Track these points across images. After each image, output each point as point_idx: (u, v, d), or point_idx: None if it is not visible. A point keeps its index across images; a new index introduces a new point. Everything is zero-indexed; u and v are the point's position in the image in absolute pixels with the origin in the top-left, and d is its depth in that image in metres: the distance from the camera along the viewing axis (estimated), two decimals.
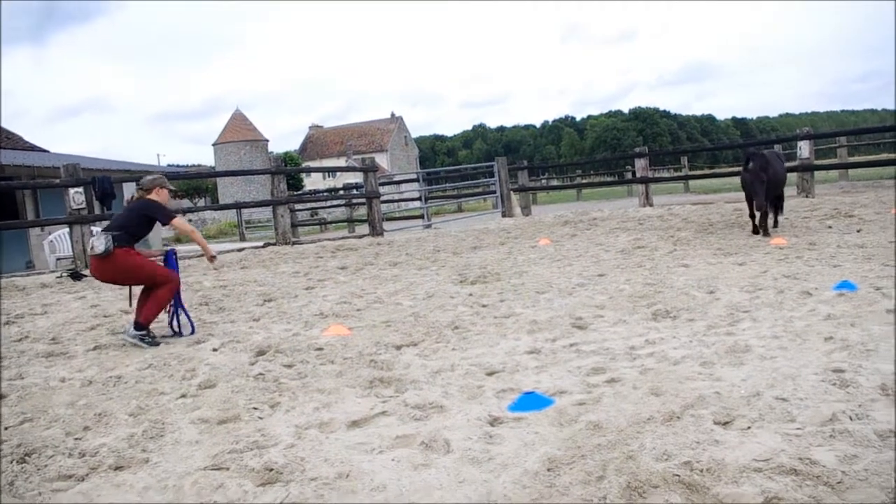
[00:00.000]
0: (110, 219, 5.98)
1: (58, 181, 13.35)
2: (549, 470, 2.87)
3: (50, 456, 3.39)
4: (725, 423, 3.22)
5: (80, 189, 12.32)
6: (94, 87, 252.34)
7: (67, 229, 13.21)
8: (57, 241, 14.94)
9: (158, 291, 5.81)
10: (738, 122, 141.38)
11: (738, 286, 6.53)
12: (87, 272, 6.70)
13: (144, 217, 5.94)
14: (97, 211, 12.52)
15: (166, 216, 5.97)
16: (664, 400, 3.58)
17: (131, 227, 5.86)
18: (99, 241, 5.71)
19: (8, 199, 21.07)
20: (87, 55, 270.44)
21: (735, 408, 3.39)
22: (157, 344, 5.69)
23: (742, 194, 10.83)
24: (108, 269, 5.75)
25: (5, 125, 28.23)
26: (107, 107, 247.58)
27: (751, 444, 2.95)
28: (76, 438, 3.65)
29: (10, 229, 19.76)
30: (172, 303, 6.00)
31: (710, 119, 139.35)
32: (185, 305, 6.27)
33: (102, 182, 12.83)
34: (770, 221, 10.45)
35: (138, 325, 5.74)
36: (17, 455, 3.39)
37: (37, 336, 6.53)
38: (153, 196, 6.03)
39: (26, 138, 28.07)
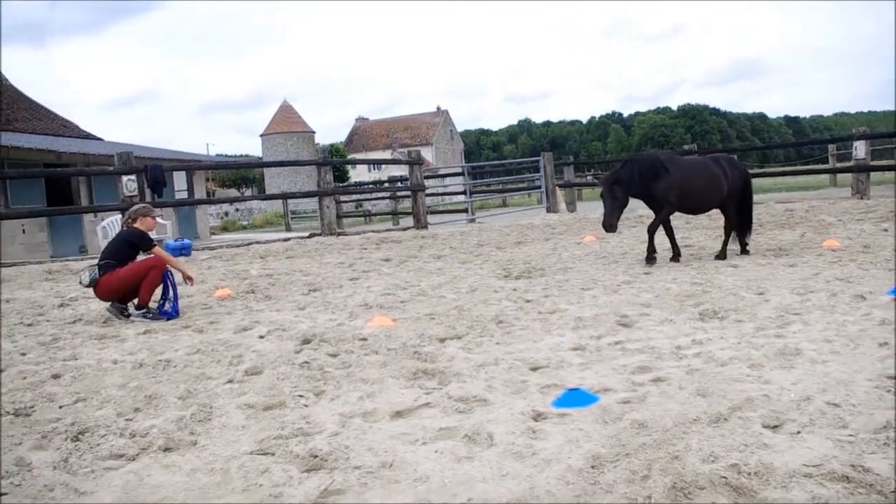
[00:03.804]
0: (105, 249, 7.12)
1: (111, 168, 13.71)
2: (592, 467, 2.84)
3: (102, 435, 3.48)
4: (774, 427, 3.15)
5: (133, 177, 12.65)
6: (147, 78, 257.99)
7: (120, 216, 13.52)
8: (109, 227, 15.29)
9: (148, 276, 6.68)
10: (791, 121, 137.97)
11: (788, 288, 6.39)
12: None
13: (129, 245, 6.93)
14: (148, 198, 12.81)
15: (147, 245, 6.95)
16: (711, 401, 3.52)
17: (119, 254, 6.83)
18: (84, 275, 6.75)
19: (63, 185, 21.69)
20: (141, 47, 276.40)
21: (784, 411, 3.31)
22: (157, 319, 6.60)
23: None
24: (103, 292, 6.69)
25: (63, 114, 28.95)
26: (159, 97, 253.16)
27: (801, 448, 2.88)
28: (127, 419, 3.74)
29: (65, 214, 20.34)
30: (163, 289, 6.85)
31: (761, 117, 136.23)
32: (178, 291, 7.00)
33: (154, 170, 13.16)
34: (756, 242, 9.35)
35: (138, 306, 6.73)
36: (72, 433, 3.49)
37: (90, 319, 6.73)
38: (138, 224, 7.01)
39: (82, 126, 28.81)
